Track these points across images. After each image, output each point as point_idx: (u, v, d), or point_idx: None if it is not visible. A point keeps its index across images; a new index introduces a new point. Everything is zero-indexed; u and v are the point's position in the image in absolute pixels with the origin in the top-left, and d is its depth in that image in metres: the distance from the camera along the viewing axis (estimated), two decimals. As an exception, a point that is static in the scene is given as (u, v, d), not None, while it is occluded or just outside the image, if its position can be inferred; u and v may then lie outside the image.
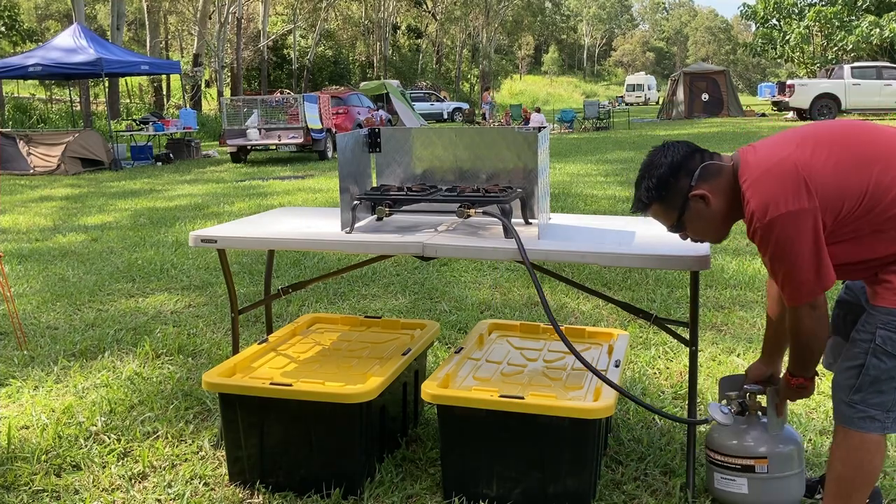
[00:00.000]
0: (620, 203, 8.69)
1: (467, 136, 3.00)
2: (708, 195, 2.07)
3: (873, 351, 1.99)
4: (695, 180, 2.07)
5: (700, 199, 2.08)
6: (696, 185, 2.08)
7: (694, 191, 2.07)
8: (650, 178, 2.11)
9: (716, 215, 2.09)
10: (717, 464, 2.41)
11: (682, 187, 2.09)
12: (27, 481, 2.75)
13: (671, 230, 2.18)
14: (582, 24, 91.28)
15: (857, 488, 2.07)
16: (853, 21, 33.35)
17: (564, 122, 25.37)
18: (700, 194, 2.07)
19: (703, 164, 2.10)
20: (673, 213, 2.12)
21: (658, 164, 2.11)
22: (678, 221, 2.13)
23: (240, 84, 31.83)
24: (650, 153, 2.16)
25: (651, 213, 2.17)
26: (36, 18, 48.11)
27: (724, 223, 2.13)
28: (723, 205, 2.08)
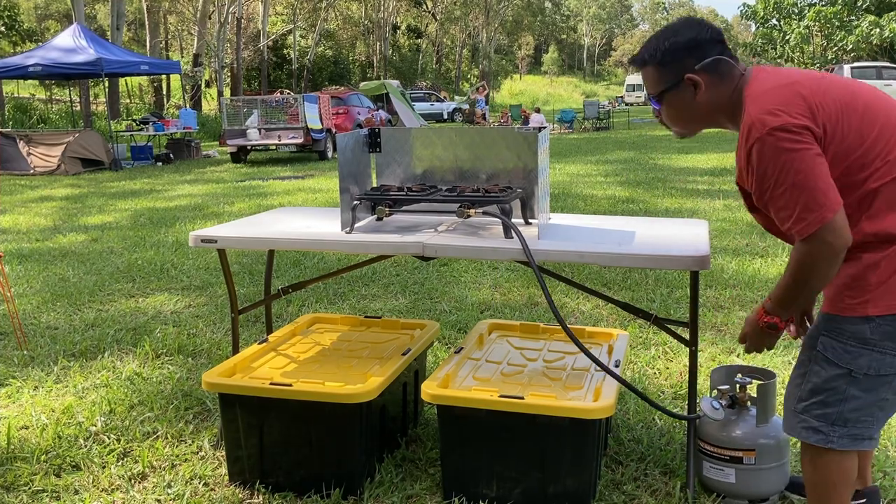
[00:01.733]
0: (620, 203, 8.69)
1: (467, 136, 3.00)
2: (702, 84, 1.97)
3: (815, 358, 1.92)
4: (700, 66, 1.97)
5: (692, 84, 1.97)
6: (698, 70, 1.97)
7: (692, 73, 1.97)
8: (665, 40, 2.00)
9: (696, 108, 2.00)
10: (707, 453, 2.50)
11: (686, 65, 1.98)
12: (27, 481, 2.75)
13: (651, 98, 2.09)
14: (582, 24, 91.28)
15: (830, 495, 2.00)
16: (853, 21, 33.36)
17: (564, 122, 25.37)
18: (695, 80, 1.96)
19: (718, 56, 1.97)
20: (661, 84, 2.02)
21: (681, 33, 1.99)
22: (661, 94, 2.03)
23: (240, 84, 31.84)
24: (684, 20, 2.04)
25: (643, 72, 2.06)
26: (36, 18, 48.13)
27: (699, 120, 2.03)
28: (708, 103, 1.98)
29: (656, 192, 9.57)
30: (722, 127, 2.07)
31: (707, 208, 8.16)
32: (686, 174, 11.35)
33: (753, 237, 6.56)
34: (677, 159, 13.45)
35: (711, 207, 8.20)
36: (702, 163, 12.75)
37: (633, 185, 10.33)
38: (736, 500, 2.48)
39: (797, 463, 2.74)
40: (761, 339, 2.01)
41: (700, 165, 12.38)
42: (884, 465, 2.70)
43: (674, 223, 2.93)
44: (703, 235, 2.66)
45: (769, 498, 2.48)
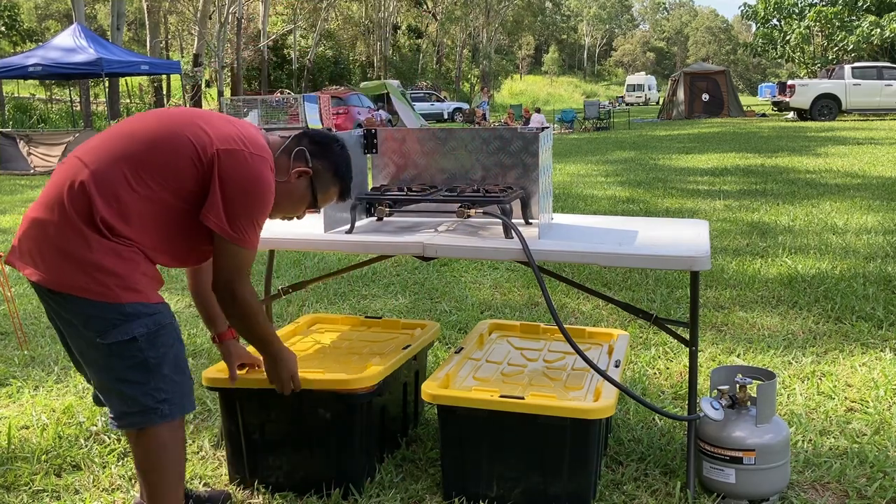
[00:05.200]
0: (621, 203, 8.69)
1: (467, 136, 3.00)
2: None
3: None
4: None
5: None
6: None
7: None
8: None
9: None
10: (707, 454, 2.50)
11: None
12: (27, 481, 2.75)
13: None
14: (582, 24, 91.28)
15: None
16: (854, 21, 33.36)
17: (565, 122, 25.37)
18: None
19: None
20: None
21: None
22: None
23: (240, 84, 31.83)
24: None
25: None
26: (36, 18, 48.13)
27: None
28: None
29: (657, 192, 9.57)
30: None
31: (707, 208, 8.16)
32: (686, 174, 11.35)
33: (754, 237, 6.56)
34: (678, 159, 13.46)
35: (712, 207, 8.20)
36: (702, 163, 12.76)
37: (634, 185, 10.33)
38: (736, 500, 2.48)
39: (797, 463, 2.75)
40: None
41: (700, 166, 12.39)
42: (884, 465, 2.70)
43: (674, 223, 2.93)
44: (704, 235, 2.66)
45: (769, 498, 2.48)
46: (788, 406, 3.21)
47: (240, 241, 2.05)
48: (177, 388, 2.07)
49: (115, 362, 2.01)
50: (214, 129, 2.06)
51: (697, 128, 22.63)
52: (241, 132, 2.09)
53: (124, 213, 1.98)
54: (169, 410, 2.05)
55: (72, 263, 1.96)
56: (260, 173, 2.05)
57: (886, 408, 3.17)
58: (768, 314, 4.47)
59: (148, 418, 2.04)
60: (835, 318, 4.35)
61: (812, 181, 9.94)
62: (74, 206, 1.96)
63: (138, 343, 2.00)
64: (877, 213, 7.43)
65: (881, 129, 18.93)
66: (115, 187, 1.97)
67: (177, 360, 2.08)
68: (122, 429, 2.10)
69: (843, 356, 3.76)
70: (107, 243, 1.97)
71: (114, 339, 1.98)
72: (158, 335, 2.03)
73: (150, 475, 2.11)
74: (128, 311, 1.98)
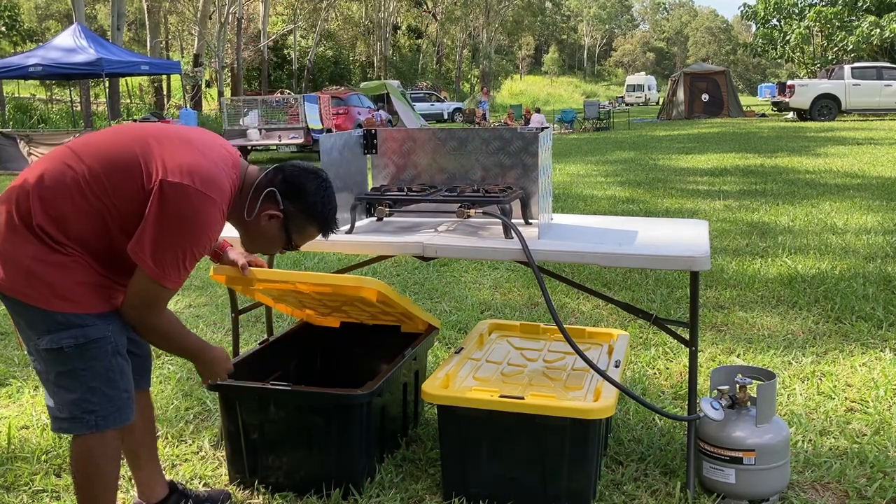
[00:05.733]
0: (621, 203, 8.69)
1: (467, 136, 3.00)
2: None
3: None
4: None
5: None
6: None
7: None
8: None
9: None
10: (707, 454, 2.50)
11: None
12: (27, 481, 2.75)
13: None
14: (582, 24, 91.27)
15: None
16: (853, 21, 33.37)
17: (565, 122, 25.36)
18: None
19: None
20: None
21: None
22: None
23: (240, 84, 31.83)
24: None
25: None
26: (36, 18, 48.14)
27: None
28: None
29: (656, 192, 9.57)
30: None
31: (707, 208, 8.16)
32: (686, 174, 11.35)
33: (753, 237, 6.56)
34: (678, 160, 13.46)
35: (711, 208, 8.20)
36: (702, 163, 12.76)
37: (634, 185, 10.33)
38: (736, 500, 2.48)
39: (797, 463, 2.75)
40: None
41: (700, 166, 12.39)
42: (884, 465, 2.70)
43: (674, 223, 2.93)
44: (704, 236, 2.66)
45: (769, 498, 2.48)
46: (788, 406, 3.22)
47: (160, 277, 1.93)
48: (106, 402, 2.04)
49: (49, 367, 2.01)
50: (170, 156, 1.96)
51: (697, 128, 22.63)
52: (193, 161, 1.96)
53: (63, 223, 1.94)
54: (95, 422, 2.03)
55: (13, 267, 1.94)
56: (198, 211, 1.92)
57: (886, 408, 3.17)
58: (768, 314, 4.47)
59: (74, 426, 2.04)
60: (835, 318, 4.35)
61: (812, 181, 9.94)
62: (19, 210, 1.94)
63: (66, 353, 1.98)
64: (877, 213, 7.43)
65: (881, 130, 18.93)
66: (58, 197, 1.93)
67: (108, 373, 2.03)
68: (54, 431, 2.09)
69: (843, 356, 3.76)
70: (44, 250, 1.94)
71: (45, 346, 1.98)
72: (88, 348, 1.99)
73: (76, 480, 2.11)
74: (59, 321, 1.96)
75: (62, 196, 1.93)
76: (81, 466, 2.09)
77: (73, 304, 1.97)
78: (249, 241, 2.19)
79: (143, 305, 1.99)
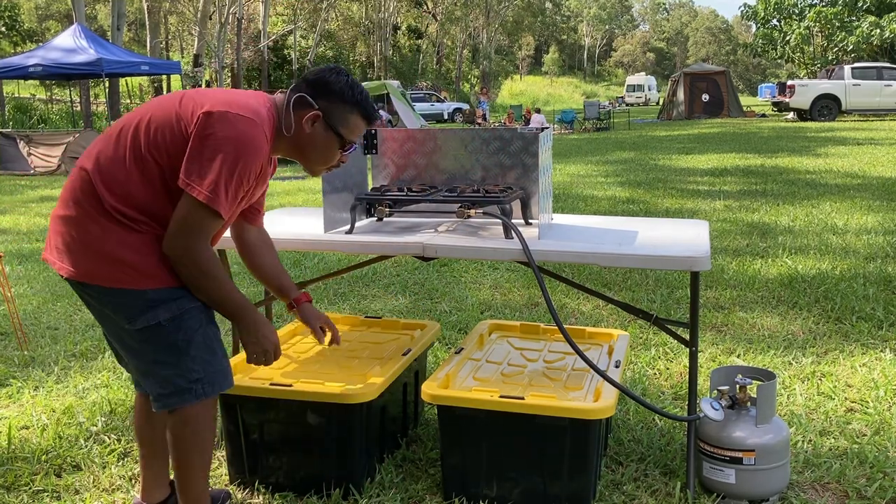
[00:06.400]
0: (621, 204, 8.69)
1: (468, 136, 3.00)
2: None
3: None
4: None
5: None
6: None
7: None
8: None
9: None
10: (707, 454, 2.50)
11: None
12: (27, 481, 2.75)
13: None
14: (582, 24, 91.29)
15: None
16: (854, 22, 33.38)
17: (565, 122, 25.36)
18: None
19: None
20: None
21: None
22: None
23: (240, 84, 31.83)
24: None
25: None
26: (36, 18, 48.14)
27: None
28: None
29: (657, 192, 9.57)
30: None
31: (707, 209, 8.17)
32: (686, 175, 11.35)
33: (754, 237, 6.56)
34: (678, 160, 13.46)
35: (712, 208, 8.20)
36: (702, 163, 12.76)
37: (634, 185, 10.33)
38: (736, 500, 2.48)
39: (797, 463, 2.75)
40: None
41: (700, 166, 12.39)
42: (884, 465, 2.70)
43: (674, 223, 2.93)
44: (704, 236, 2.66)
45: (769, 498, 2.48)
46: (788, 406, 3.22)
47: (207, 199, 1.91)
48: (209, 368, 2.09)
49: (146, 346, 2.04)
50: (203, 97, 2.02)
51: (697, 128, 22.63)
52: (230, 97, 2.01)
53: (131, 199, 1.99)
54: (202, 390, 2.08)
55: (94, 255, 1.98)
56: (241, 132, 1.94)
57: (886, 408, 3.17)
58: (768, 314, 4.47)
59: (183, 398, 2.07)
60: (835, 318, 4.35)
61: (812, 181, 9.94)
62: (87, 200, 1.99)
63: (165, 327, 2.02)
64: (877, 214, 7.43)
65: (881, 130, 18.93)
66: (118, 174, 1.98)
67: (206, 340, 2.08)
68: (160, 409, 2.12)
69: (843, 356, 3.76)
70: (124, 232, 1.98)
71: (141, 325, 2.01)
72: (183, 318, 2.03)
73: (179, 452, 2.13)
74: (151, 297, 2.00)
75: (122, 172, 1.98)
76: (188, 436, 2.10)
77: (162, 279, 2.01)
78: (307, 159, 2.16)
79: (187, 232, 1.95)
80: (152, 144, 1.98)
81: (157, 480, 2.41)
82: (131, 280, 1.98)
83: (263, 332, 2.15)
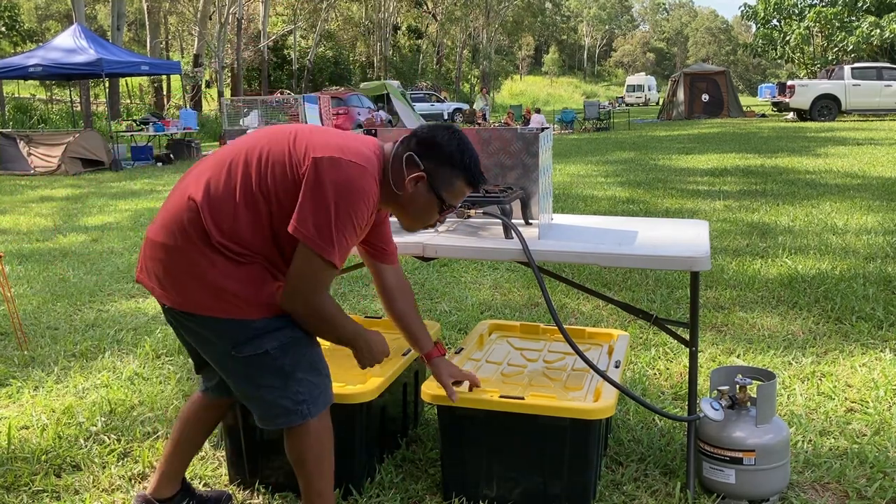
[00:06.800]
0: (621, 204, 8.69)
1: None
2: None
3: None
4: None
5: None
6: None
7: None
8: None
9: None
10: (707, 454, 2.50)
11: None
12: (27, 481, 2.75)
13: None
14: (582, 24, 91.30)
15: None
16: (853, 22, 33.38)
17: (565, 122, 25.35)
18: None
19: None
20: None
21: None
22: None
23: (240, 84, 31.84)
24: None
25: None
26: (36, 19, 48.15)
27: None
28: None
29: (657, 192, 9.57)
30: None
31: (707, 209, 8.17)
32: (686, 175, 11.35)
33: (754, 237, 6.56)
34: (678, 160, 13.46)
35: (712, 208, 8.20)
36: (702, 163, 12.76)
37: (634, 185, 10.33)
38: (736, 500, 2.48)
39: (797, 463, 2.75)
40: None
41: (700, 166, 12.39)
42: (884, 465, 2.70)
43: (674, 223, 2.93)
44: (704, 236, 2.66)
45: (769, 498, 2.48)
46: (788, 406, 3.22)
47: (323, 250, 1.91)
48: (314, 389, 2.10)
49: (252, 371, 2.05)
50: (316, 139, 1.99)
51: (697, 128, 22.63)
52: (341, 141, 1.99)
53: (239, 234, 1.97)
54: (308, 410, 2.09)
55: (199, 286, 1.97)
56: (352, 178, 1.92)
57: (886, 408, 3.17)
58: (768, 314, 4.47)
59: (289, 419, 2.09)
60: (835, 318, 4.35)
61: (812, 181, 9.94)
62: (195, 231, 1.97)
63: (271, 354, 2.02)
64: (877, 214, 7.43)
65: (881, 130, 18.94)
66: (224, 211, 1.96)
67: (312, 363, 2.10)
68: (266, 427, 2.14)
69: (843, 356, 3.76)
70: (230, 265, 1.97)
71: (248, 353, 2.01)
72: (290, 345, 2.04)
73: (308, 467, 2.15)
74: (258, 327, 2.00)
75: (230, 209, 1.96)
76: (315, 451, 2.13)
77: (269, 309, 2.01)
78: (407, 217, 2.16)
79: (307, 286, 1.96)
80: (263, 183, 1.96)
81: (173, 477, 2.40)
82: (237, 310, 1.98)
83: (378, 349, 2.20)
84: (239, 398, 2.17)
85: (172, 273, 2.00)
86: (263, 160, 1.98)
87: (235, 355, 2.02)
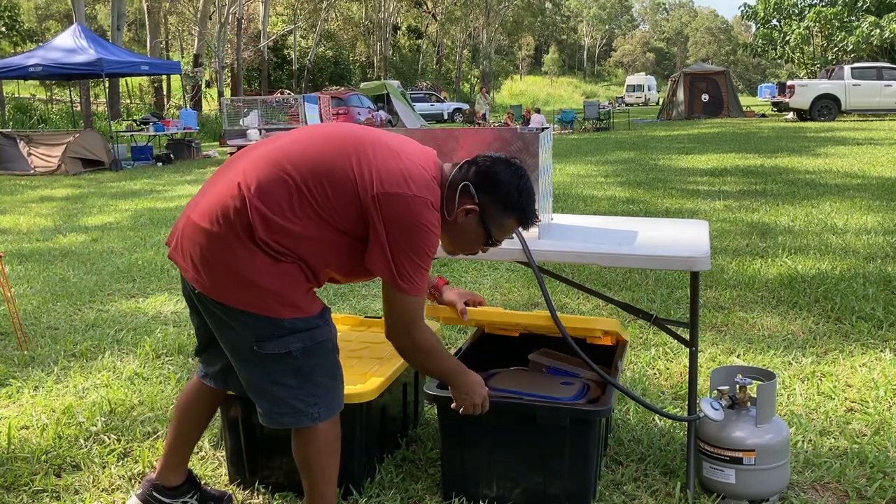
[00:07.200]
0: (620, 204, 8.69)
1: (467, 136, 3.00)
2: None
3: None
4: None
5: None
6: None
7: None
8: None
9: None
10: (707, 454, 2.50)
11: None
12: (27, 481, 2.75)
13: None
14: (582, 24, 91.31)
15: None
16: (853, 22, 33.39)
17: (564, 122, 25.35)
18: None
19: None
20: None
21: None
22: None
23: (240, 84, 31.84)
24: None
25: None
26: (36, 19, 48.17)
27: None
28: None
29: (657, 192, 9.57)
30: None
31: (707, 209, 8.17)
32: (686, 175, 11.35)
33: (753, 237, 6.56)
34: (678, 160, 13.46)
35: (712, 208, 8.20)
36: (702, 163, 12.76)
37: (634, 185, 10.33)
38: (736, 500, 2.48)
39: (797, 463, 2.75)
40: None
41: (700, 166, 12.39)
42: (884, 465, 2.70)
43: (674, 223, 2.93)
44: (704, 236, 2.66)
45: (769, 498, 2.48)
46: (788, 406, 3.22)
47: (410, 289, 1.97)
48: (328, 393, 2.11)
49: (271, 367, 2.04)
50: (382, 164, 1.96)
51: (697, 128, 22.63)
52: (405, 167, 1.97)
53: (284, 236, 1.95)
54: (318, 414, 2.09)
55: (234, 278, 1.96)
56: (421, 215, 1.94)
57: (886, 408, 3.17)
58: (768, 314, 4.47)
59: (297, 420, 2.08)
60: (835, 318, 4.35)
61: (812, 181, 9.94)
62: (240, 222, 1.94)
63: (293, 355, 2.03)
64: (877, 213, 7.43)
65: (881, 130, 18.94)
66: (276, 210, 1.94)
67: (331, 367, 2.11)
68: (269, 426, 2.13)
69: (843, 356, 3.76)
70: (269, 261, 1.96)
71: (270, 351, 2.01)
72: (314, 348, 2.05)
73: (313, 469, 2.16)
74: (286, 326, 2.00)
75: (281, 209, 1.94)
76: (321, 455, 2.14)
77: (300, 310, 2.01)
78: (450, 242, 2.16)
79: (407, 324, 2.03)
80: (319, 197, 1.95)
81: (178, 465, 2.40)
82: (269, 307, 1.98)
83: (476, 390, 2.25)
84: (245, 389, 2.15)
85: (209, 260, 1.97)
86: (321, 172, 1.95)
87: (257, 350, 2.02)
